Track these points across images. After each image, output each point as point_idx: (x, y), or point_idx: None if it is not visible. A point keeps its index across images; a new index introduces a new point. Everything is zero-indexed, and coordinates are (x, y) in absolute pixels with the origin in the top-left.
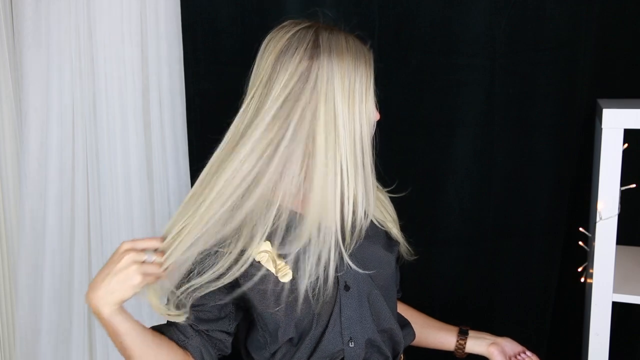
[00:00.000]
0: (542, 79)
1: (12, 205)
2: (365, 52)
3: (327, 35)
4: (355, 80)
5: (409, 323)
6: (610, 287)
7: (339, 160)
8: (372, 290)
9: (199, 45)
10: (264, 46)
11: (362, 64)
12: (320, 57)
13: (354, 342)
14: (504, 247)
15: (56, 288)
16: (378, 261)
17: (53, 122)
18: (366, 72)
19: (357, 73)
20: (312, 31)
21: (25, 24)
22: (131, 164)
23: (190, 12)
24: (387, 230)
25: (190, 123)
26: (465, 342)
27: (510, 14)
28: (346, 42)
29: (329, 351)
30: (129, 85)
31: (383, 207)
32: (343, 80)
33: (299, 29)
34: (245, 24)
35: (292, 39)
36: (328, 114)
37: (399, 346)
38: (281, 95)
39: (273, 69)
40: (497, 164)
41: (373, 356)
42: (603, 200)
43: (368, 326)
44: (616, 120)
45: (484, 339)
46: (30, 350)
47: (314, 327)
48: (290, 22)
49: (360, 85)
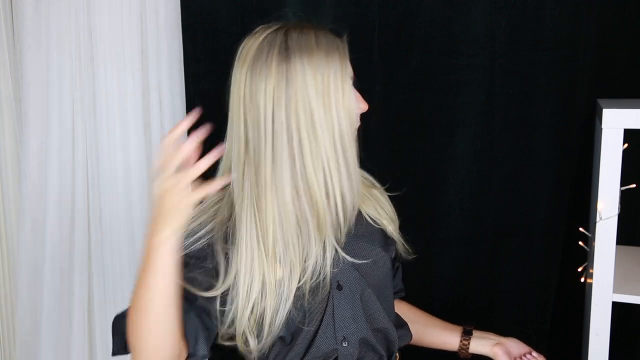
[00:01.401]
0: (542, 79)
1: (12, 205)
2: (338, 45)
3: (296, 35)
4: (329, 75)
5: (406, 324)
6: (610, 287)
7: (320, 158)
8: (364, 290)
9: (199, 45)
10: (238, 54)
11: (336, 58)
12: (291, 58)
13: (348, 341)
14: (504, 247)
15: (56, 288)
16: (372, 261)
17: (53, 122)
18: (340, 66)
19: (330, 68)
20: (281, 33)
21: (25, 24)
22: (131, 164)
23: (190, 12)
24: (383, 227)
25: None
26: (469, 342)
27: (510, 14)
28: (316, 39)
29: (322, 351)
30: (129, 85)
31: (379, 205)
32: (315, 78)
33: (269, 32)
34: (245, 24)
35: (263, 43)
36: (306, 114)
37: (393, 346)
38: (267, 107)
39: (251, 80)
40: (497, 164)
41: (367, 355)
42: (603, 200)
43: (361, 325)
44: (616, 120)
45: (489, 339)
46: (30, 350)
47: (307, 326)
48: (262, 27)
49: (335, 79)
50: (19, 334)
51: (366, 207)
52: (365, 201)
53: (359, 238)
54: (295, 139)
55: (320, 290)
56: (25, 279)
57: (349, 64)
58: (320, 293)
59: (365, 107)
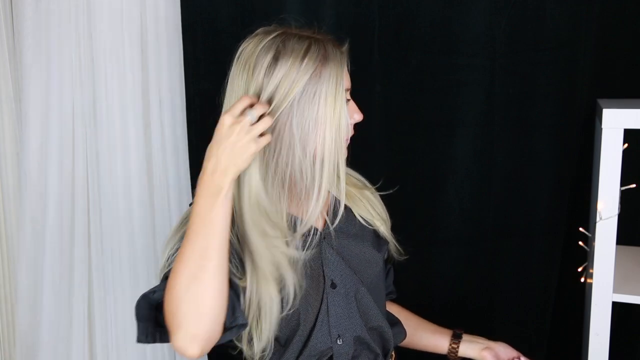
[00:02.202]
0: (542, 79)
1: (12, 205)
2: (336, 55)
3: (291, 44)
4: (318, 86)
5: (399, 321)
6: (610, 287)
7: (293, 168)
8: (359, 288)
9: (199, 45)
10: (236, 58)
11: (330, 67)
12: (285, 67)
13: (342, 339)
14: (504, 247)
15: (56, 288)
16: (365, 260)
17: (53, 122)
18: (335, 76)
19: (323, 78)
20: (279, 40)
21: (25, 24)
22: (131, 164)
23: (190, 12)
24: (375, 228)
25: (190, 123)
26: (458, 345)
27: (510, 14)
28: (308, 47)
29: (317, 349)
30: (128, 85)
31: (371, 205)
32: (307, 87)
33: (269, 39)
34: (245, 24)
35: (262, 50)
36: (298, 122)
37: (388, 344)
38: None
39: (245, 84)
40: (497, 164)
41: (362, 353)
42: (603, 200)
43: (356, 323)
44: (616, 120)
45: (477, 342)
46: (30, 350)
47: (302, 325)
48: (262, 30)
49: (327, 89)
50: (19, 333)
51: (358, 208)
52: (357, 202)
53: (350, 237)
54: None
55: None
56: (25, 279)
57: (345, 75)
58: (314, 291)
59: (360, 118)
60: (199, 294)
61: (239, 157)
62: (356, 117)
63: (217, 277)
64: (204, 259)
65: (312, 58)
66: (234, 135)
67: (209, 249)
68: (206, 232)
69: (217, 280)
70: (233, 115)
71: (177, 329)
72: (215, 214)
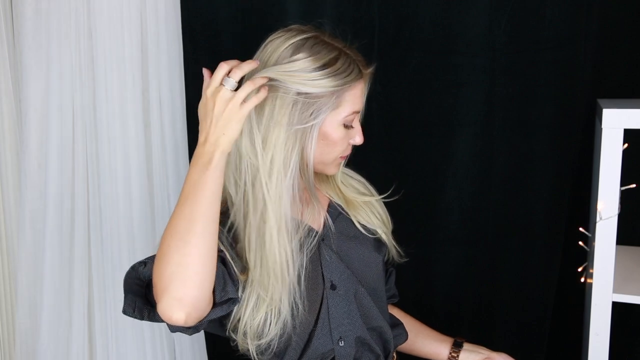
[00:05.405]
0: (542, 79)
1: (12, 205)
2: (354, 71)
3: (319, 48)
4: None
5: (401, 323)
6: (610, 287)
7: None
8: (358, 289)
9: (199, 45)
10: (262, 47)
11: (346, 100)
12: (304, 63)
13: (344, 340)
14: (504, 247)
15: (56, 288)
16: (364, 261)
17: (53, 122)
18: (345, 110)
19: (327, 106)
20: (311, 42)
21: (25, 24)
22: (131, 164)
23: (190, 12)
24: (376, 236)
25: (190, 123)
26: (458, 354)
27: (510, 13)
28: (336, 58)
29: (319, 351)
30: (128, 85)
31: (373, 213)
32: (309, 97)
33: (298, 39)
34: (245, 24)
35: (288, 49)
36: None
37: (389, 344)
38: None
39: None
40: (497, 164)
41: (364, 355)
42: (603, 200)
43: (357, 324)
44: (616, 120)
45: (478, 352)
46: (30, 350)
47: (302, 327)
48: (296, 28)
49: (328, 118)
50: (19, 333)
51: (359, 215)
52: (358, 210)
53: (350, 239)
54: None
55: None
56: (25, 279)
57: (359, 96)
58: (314, 293)
59: (361, 142)
60: (185, 255)
61: (227, 126)
62: (357, 140)
63: (204, 241)
64: (192, 222)
65: (334, 74)
66: (217, 106)
67: (197, 212)
68: (195, 196)
69: (204, 245)
70: (213, 85)
71: (163, 292)
72: (204, 181)
